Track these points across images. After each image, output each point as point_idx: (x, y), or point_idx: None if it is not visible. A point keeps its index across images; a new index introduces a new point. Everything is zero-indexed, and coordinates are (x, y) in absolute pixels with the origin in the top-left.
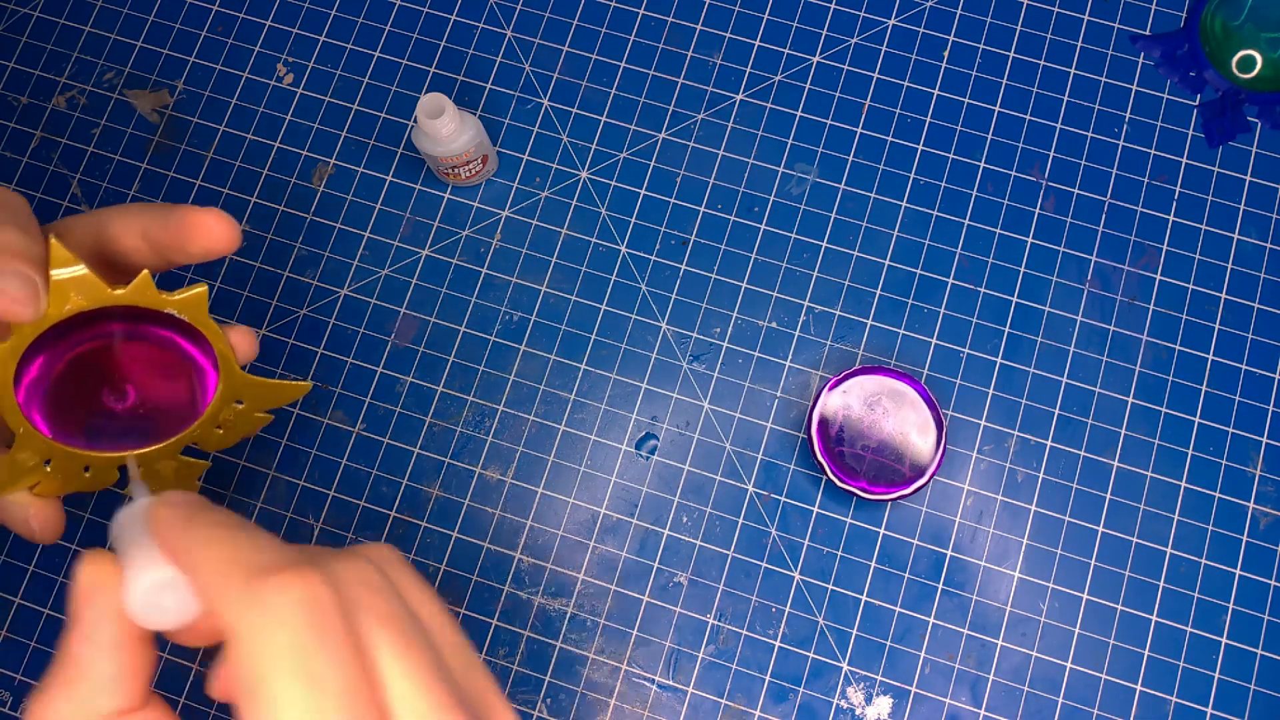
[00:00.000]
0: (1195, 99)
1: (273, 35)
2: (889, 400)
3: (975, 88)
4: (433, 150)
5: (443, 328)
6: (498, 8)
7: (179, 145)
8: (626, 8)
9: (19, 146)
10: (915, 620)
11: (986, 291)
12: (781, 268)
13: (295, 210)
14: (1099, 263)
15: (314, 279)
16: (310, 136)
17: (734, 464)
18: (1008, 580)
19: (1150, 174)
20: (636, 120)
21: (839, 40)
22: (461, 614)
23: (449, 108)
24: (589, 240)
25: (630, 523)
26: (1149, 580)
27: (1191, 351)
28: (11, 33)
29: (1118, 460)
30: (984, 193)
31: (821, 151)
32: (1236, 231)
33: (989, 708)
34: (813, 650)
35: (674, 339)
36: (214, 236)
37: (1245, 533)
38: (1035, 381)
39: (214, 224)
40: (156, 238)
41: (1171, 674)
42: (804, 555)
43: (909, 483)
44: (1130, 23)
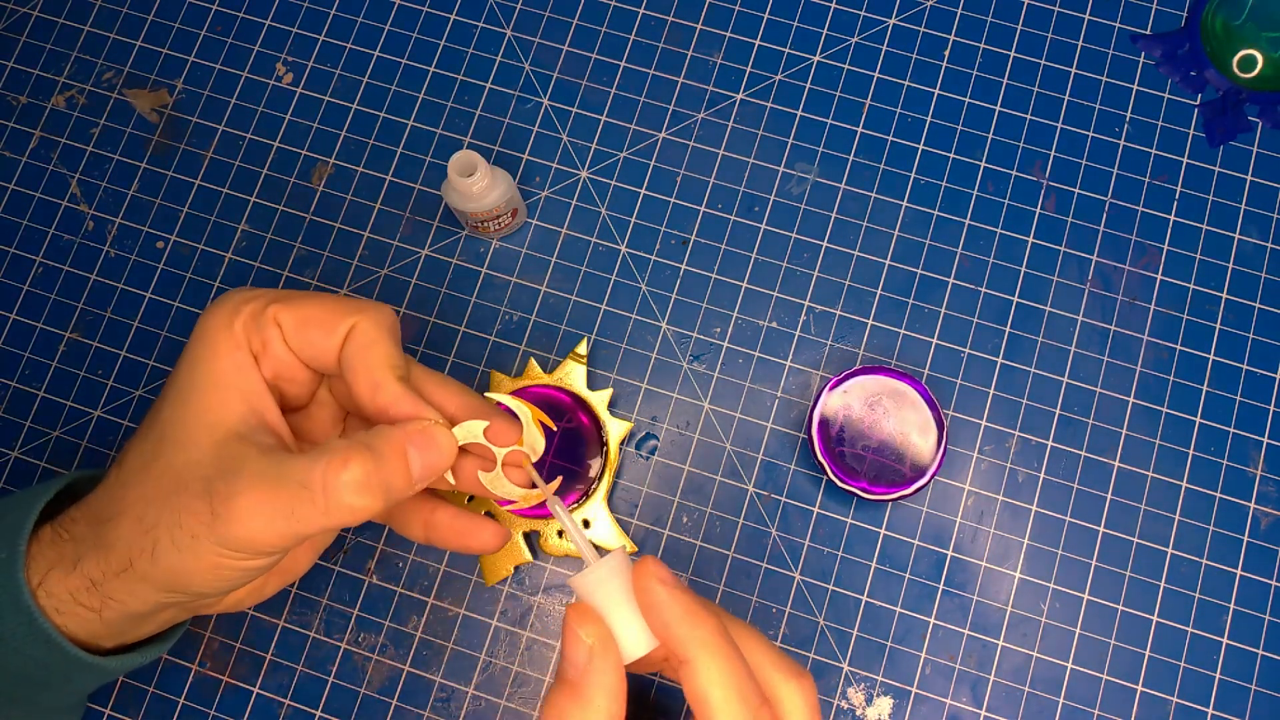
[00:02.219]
0: (1196, 98)
1: (272, 35)
2: (889, 400)
3: (976, 87)
4: (464, 206)
5: (443, 328)
6: (498, 7)
7: (178, 145)
8: (626, 7)
9: (18, 146)
10: (916, 621)
11: (987, 291)
12: (782, 267)
13: (295, 210)
14: (1100, 262)
15: (314, 279)
16: (309, 136)
17: (734, 464)
18: (1008, 580)
19: (1151, 173)
20: (636, 120)
21: (839, 39)
22: (461, 614)
23: (480, 165)
24: (589, 240)
25: (630, 523)
26: (1150, 580)
27: (1192, 351)
28: (10, 32)
29: (1118, 460)
30: (985, 192)
31: (822, 151)
32: (1237, 231)
33: (990, 708)
34: (813, 651)
35: (674, 339)
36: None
37: (1246, 533)
38: (1036, 381)
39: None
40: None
41: (1172, 674)
42: (804, 555)
43: (910, 483)
44: (1131, 22)
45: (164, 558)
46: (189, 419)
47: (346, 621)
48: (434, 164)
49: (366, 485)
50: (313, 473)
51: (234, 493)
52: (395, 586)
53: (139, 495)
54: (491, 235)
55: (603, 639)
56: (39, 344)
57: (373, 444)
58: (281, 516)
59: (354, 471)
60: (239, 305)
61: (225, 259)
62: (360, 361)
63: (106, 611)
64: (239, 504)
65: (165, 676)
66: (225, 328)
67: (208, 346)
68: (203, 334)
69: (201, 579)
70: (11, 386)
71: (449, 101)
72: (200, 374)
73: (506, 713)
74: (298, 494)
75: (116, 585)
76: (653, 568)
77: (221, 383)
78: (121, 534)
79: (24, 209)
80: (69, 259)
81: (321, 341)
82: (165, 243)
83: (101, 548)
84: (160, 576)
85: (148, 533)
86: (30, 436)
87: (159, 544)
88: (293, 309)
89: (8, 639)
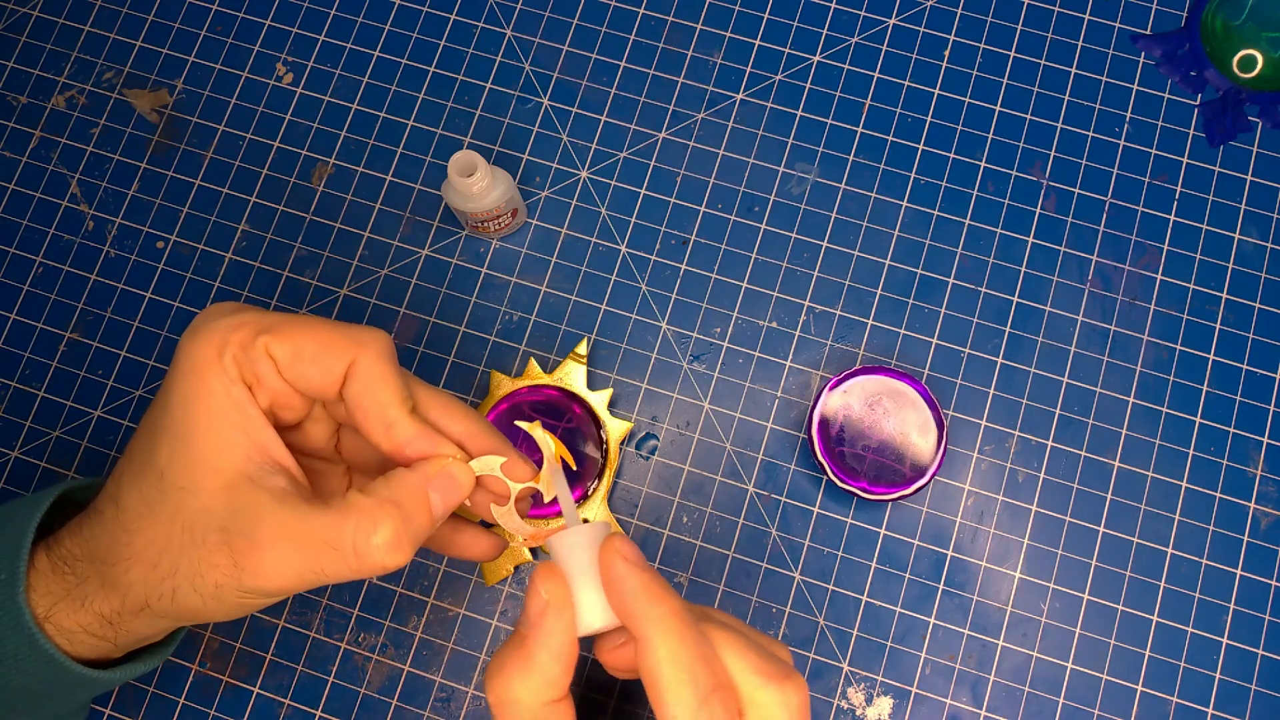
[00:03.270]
0: (1196, 98)
1: (272, 35)
2: (889, 400)
3: (976, 87)
4: (464, 206)
5: (443, 328)
6: (497, 7)
7: (178, 145)
8: (626, 7)
9: (18, 146)
10: (916, 620)
11: (987, 291)
12: (782, 267)
13: (295, 210)
14: (1100, 262)
15: (314, 279)
16: (310, 136)
17: (734, 464)
18: (1008, 580)
19: (1151, 173)
20: (637, 120)
21: (839, 39)
22: (461, 614)
23: (480, 165)
24: (589, 240)
25: (630, 523)
26: (1150, 580)
27: (1192, 351)
28: (11, 32)
29: (1118, 460)
30: (985, 192)
31: (822, 151)
32: (1237, 231)
33: (990, 708)
34: (813, 651)
35: (674, 339)
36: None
37: (1246, 533)
38: (1036, 381)
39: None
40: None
41: (1172, 674)
42: (804, 555)
43: (910, 483)
44: (1131, 22)
45: (185, 602)
46: (192, 462)
47: (346, 621)
48: (434, 164)
49: (398, 544)
50: (341, 534)
51: (256, 546)
52: (395, 586)
53: (148, 541)
54: (491, 235)
55: (559, 600)
56: (39, 344)
57: (397, 498)
58: (310, 572)
59: (384, 534)
60: (226, 335)
61: (225, 259)
62: (369, 401)
63: (121, 639)
64: (263, 559)
65: (165, 676)
66: (214, 360)
67: (199, 381)
68: (191, 367)
69: (224, 615)
70: (11, 386)
71: (449, 101)
72: (196, 412)
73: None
74: (324, 552)
75: (133, 621)
76: (619, 544)
77: (222, 422)
78: (135, 579)
79: (24, 209)
80: (69, 259)
81: (318, 377)
82: (165, 243)
83: (113, 589)
84: (179, 615)
85: (164, 580)
86: (30, 436)
87: (179, 591)
88: (284, 340)
89: (9, 659)
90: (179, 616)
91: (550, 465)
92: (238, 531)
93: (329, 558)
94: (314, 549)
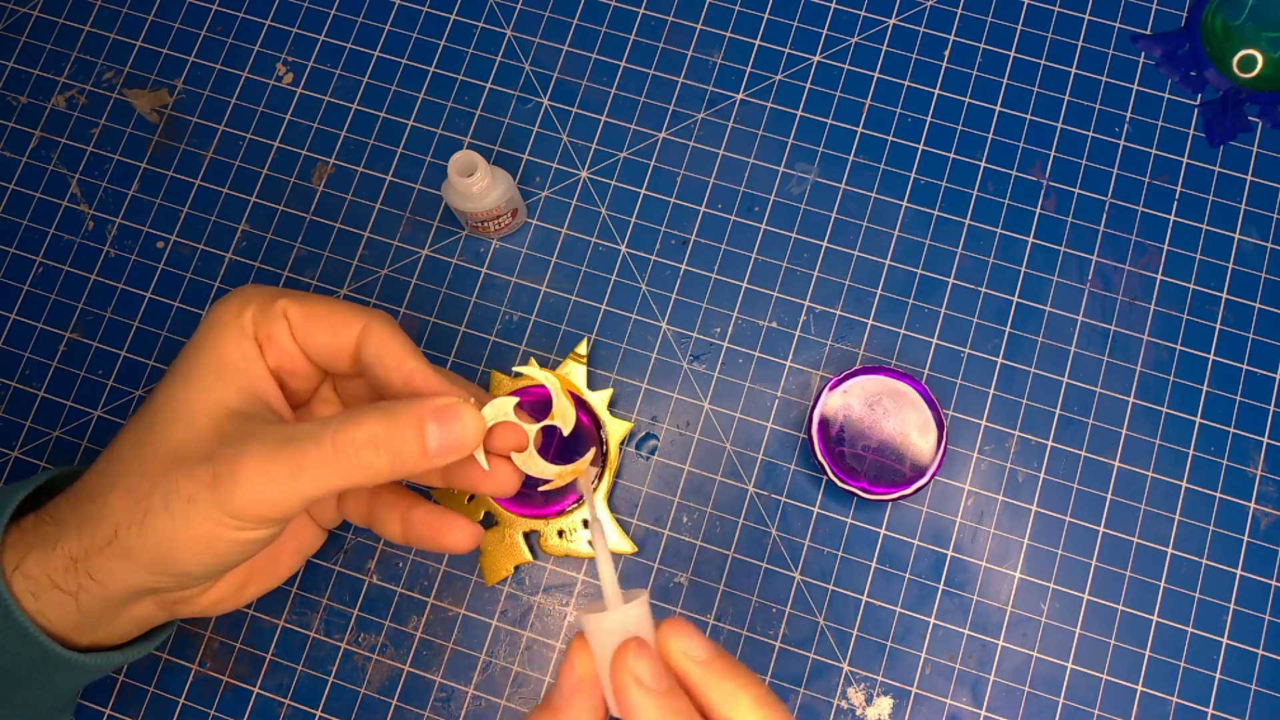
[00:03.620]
0: (1196, 98)
1: (272, 35)
2: (889, 400)
3: (976, 87)
4: (464, 206)
5: (443, 328)
6: (497, 7)
7: (178, 145)
8: (626, 7)
9: (18, 146)
10: (916, 621)
11: (987, 291)
12: (782, 267)
13: (295, 210)
14: (1100, 262)
15: (314, 279)
16: (310, 136)
17: (734, 464)
18: (1008, 580)
19: (1151, 173)
20: (636, 120)
21: (839, 39)
22: (461, 614)
23: (480, 165)
24: (589, 240)
25: (630, 523)
26: (1150, 580)
27: (1192, 351)
28: (11, 32)
29: (1118, 460)
30: (985, 192)
31: (822, 151)
32: (1237, 231)
33: (990, 708)
34: (813, 651)
35: (674, 339)
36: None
37: (1246, 533)
38: (1036, 381)
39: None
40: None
41: (1172, 674)
42: (804, 555)
43: (910, 483)
44: (1131, 22)
45: (154, 527)
46: (189, 398)
47: (346, 621)
48: (434, 164)
49: (375, 441)
50: (324, 429)
51: (239, 454)
52: (395, 586)
53: (132, 470)
54: (491, 235)
55: (591, 679)
56: (39, 344)
57: (389, 409)
58: (287, 472)
59: (366, 429)
60: (249, 298)
61: (225, 259)
62: (389, 357)
63: (83, 596)
64: (245, 464)
65: (165, 676)
66: (234, 317)
67: (213, 334)
68: (210, 323)
69: (191, 553)
70: (11, 386)
71: (449, 101)
72: (204, 358)
73: (506, 713)
74: (305, 448)
75: (97, 562)
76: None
77: (225, 367)
78: (110, 507)
79: (24, 209)
80: (69, 259)
81: (328, 340)
82: (165, 243)
83: (86, 524)
84: (147, 550)
85: (139, 503)
86: (30, 436)
87: (150, 512)
88: (301, 304)
89: None
90: (146, 555)
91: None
92: (225, 445)
93: (307, 453)
94: (295, 447)
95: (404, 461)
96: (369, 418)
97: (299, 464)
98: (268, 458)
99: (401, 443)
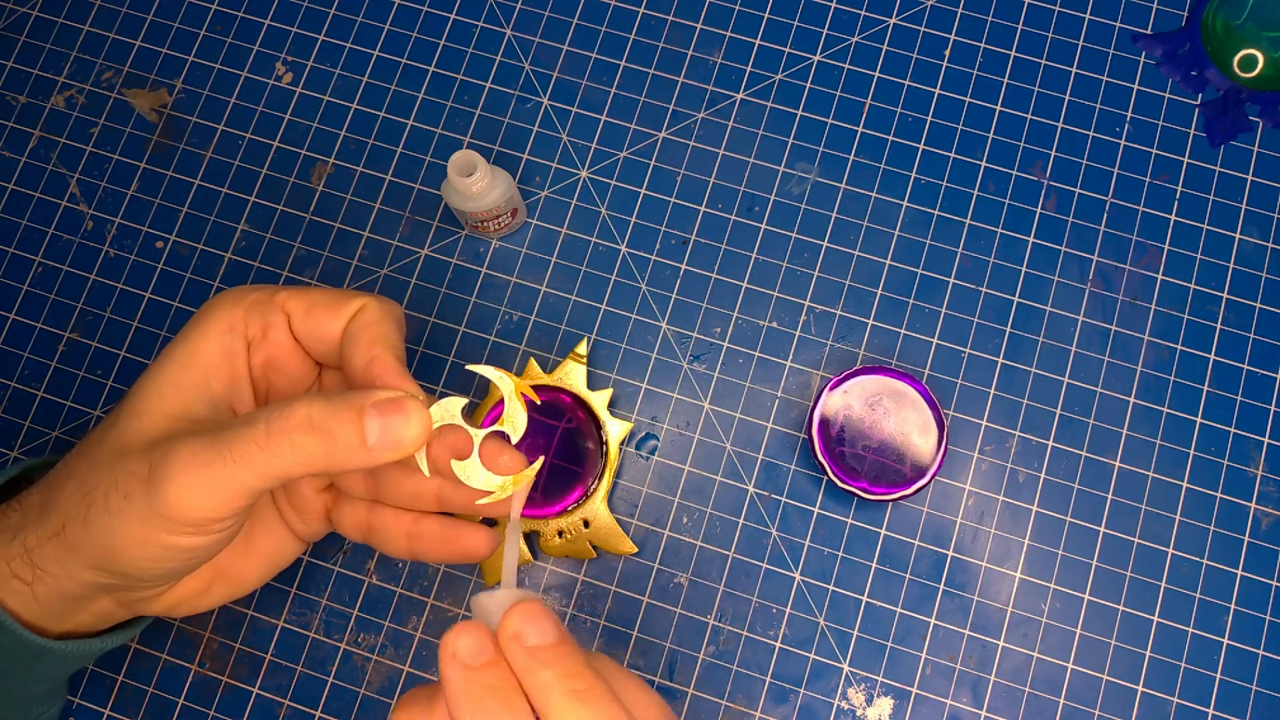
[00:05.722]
0: (1197, 98)
1: (271, 34)
2: (890, 400)
3: (976, 86)
4: (464, 206)
5: (442, 328)
6: (497, 7)
7: (178, 144)
8: (626, 6)
9: (17, 146)
10: (916, 621)
11: (988, 291)
12: (782, 267)
13: (294, 210)
14: (1100, 262)
15: (313, 279)
16: (309, 136)
17: (734, 464)
18: (1009, 581)
19: (1152, 173)
20: (636, 119)
21: (840, 39)
22: (461, 614)
23: (480, 165)
24: (589, 240)
25: (630, 523)
26: (1150, 581)
27: (1193, 351)
28: (10, 31)
29: (1119, 460)
30: (985, 192)
31: (822, 151)
32: (1238, 231)
33: (990, 709)
34: (813, 651)
35: (674, 339)
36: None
37: (1247, 533)
38: (1036, 381)
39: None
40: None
41: (1173, 675)
42: (805, 556)
43: (910, 483)
44: (1131, 22)
45: (95, 522)
46: (149, 389)
47: (346, 622)
48: (434, 164)
49: (310, 424)
50: (258, 415)
51: (174, 446)
52: (395, 587)
53: (87, 462)
54: (491, 235)
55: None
56: (39, 344)
57: (329, 395)
58: (221, 460)
59: (302, 411)
60: (246, 294)
61: (225, 259)
62: (362, 335)
63: (39, 586)
64: (177, 456)
65: (165, 676)
66: (226, 310)
67: (200, 330)
68: (202, 316)
69: (131, 555)
70: (11, 386)
71: (449, 101)
72: (180, 351)
73: None
74: (238, 433)
75: (47, 553)
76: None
77: (197, 362)
78: (61, 499)
79: (24, 209)
80: (69, 259)
81: (328, 324)
82: (165, 243)
83: (43, 514)
84: (90, 547)
85: (85, 496)
86: (30, 436)
87: (93, 506)
88: (303, 296)
89: None
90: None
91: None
92: (159, 446)
93: (240, 437)
94: (226, 435)
95: (341, 451)
96: (305, 401)
97: (230, 451)
98: (200, 448)
99: (338, 429)
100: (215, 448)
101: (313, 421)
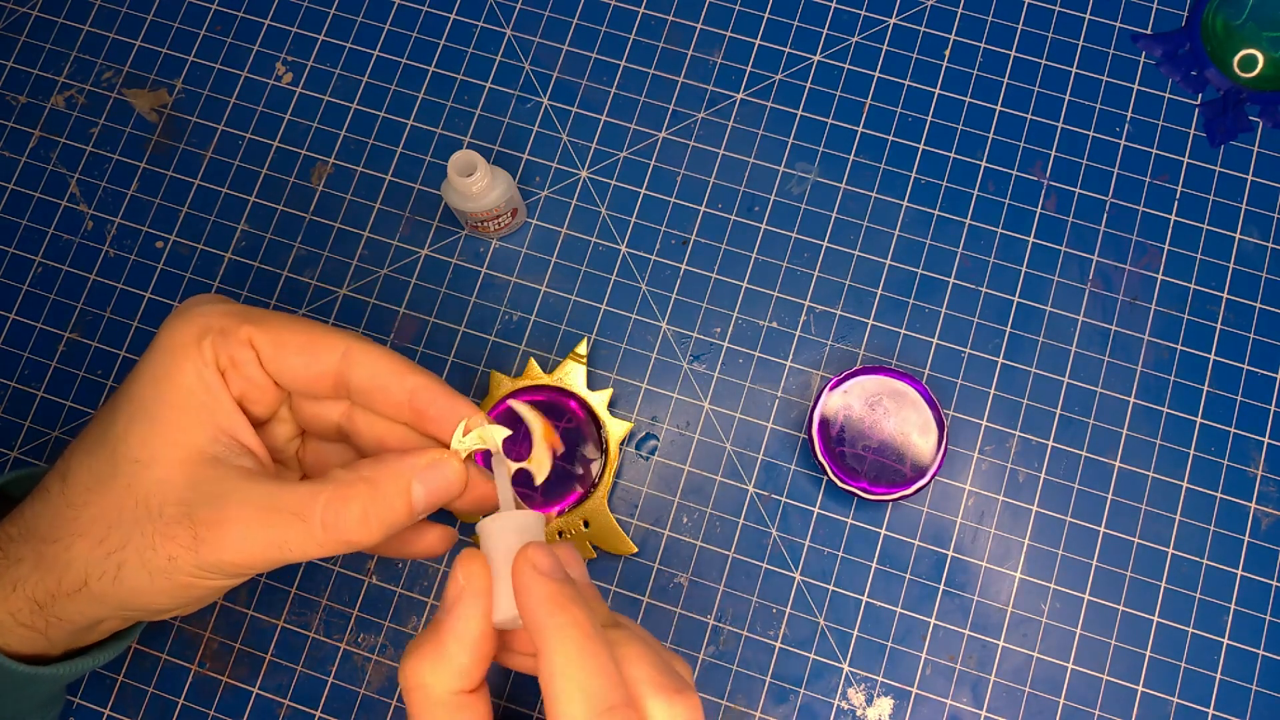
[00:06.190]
0: (1197, 98)
1: (271, 34)
2: (890, 400)
3: (976, 86)
4: (464, 206)
5: (442, 328)
6: (498, 7)
7: (178, 144)
8: (626, 6)
9: (17, 146)
10: (916, 621)
11: (988, 291)
12: (782, 267)
13: (294, 210)
14: (1100, 262)
15: (313, 279)
16: (309, 136)
17: (734, 464)
18: (1009, 581)
19: (1152, 173)
20: (636, 119)
21: (840, 39)
22: None
23: (480, 165)
24: (589, 240)
25: (630, 523)
26: (1150, 581)
27: (1193, 351)
28: (10, 31)
29: (1119, 460)
30: (985, 192)
31: (822, 151)
32: (1238, 231)
33: (990, 709)
34: (813, 651)
35: (674, 339)
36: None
37: (1247, 533)
38: (1037, 381)
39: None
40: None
41: (1173, 675)
42: (804, 556)
43: (910, 483)
44: (1131, 22)
45: (129, 580)
46: (153, 438)
47: (346, 622)
48: (434, 164)
49: (365, 521)
50: (312, 505)
51: (222, 519)
52: (395, 587)
53: (95, 516)
54: (491, 235)
55: (475, 587)
56: (39, 344)
57: (376, 477)
58: (274, 546)
59: (357, 507)
60: (208, 321)
61: (225, 259)
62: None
63: (52, 631)
64: (229, 530)
65: (165, 676)
66: (192, 344)
67: (171, 361)
68: (168, 347)
69: (167, 597)
70: (11, 386)
71: (449, 101)
72: (164, 391)
73: (506, 712)
74: (291, 523)
75: (66, 605)
76: (532, 552)
77: (189, 402)
78: (76, 556)
79: (24, 209)
80: (69, 259)
81: (304, 368)
82: (165, 243)
83: (49, 569)
84: (119, 597)
85: (111, 555)
86: (30, 436)
87: (125, 566)
88: (268, 332)
89: None
90: (118, 599)
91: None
92: (201, 503)
93: (295, 530)
94: (281, 520)
95: (393, 528)
96: (356, 494)
97: (284, 538)
98: (253, 527)
99: (390, 512)
100: (268, 529)
101: (367, 517)
